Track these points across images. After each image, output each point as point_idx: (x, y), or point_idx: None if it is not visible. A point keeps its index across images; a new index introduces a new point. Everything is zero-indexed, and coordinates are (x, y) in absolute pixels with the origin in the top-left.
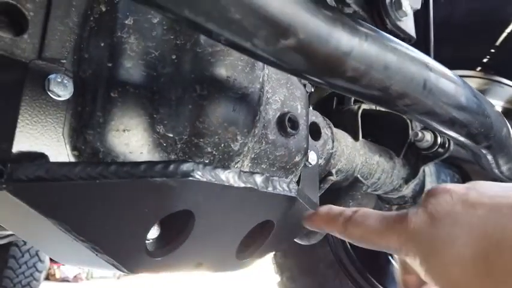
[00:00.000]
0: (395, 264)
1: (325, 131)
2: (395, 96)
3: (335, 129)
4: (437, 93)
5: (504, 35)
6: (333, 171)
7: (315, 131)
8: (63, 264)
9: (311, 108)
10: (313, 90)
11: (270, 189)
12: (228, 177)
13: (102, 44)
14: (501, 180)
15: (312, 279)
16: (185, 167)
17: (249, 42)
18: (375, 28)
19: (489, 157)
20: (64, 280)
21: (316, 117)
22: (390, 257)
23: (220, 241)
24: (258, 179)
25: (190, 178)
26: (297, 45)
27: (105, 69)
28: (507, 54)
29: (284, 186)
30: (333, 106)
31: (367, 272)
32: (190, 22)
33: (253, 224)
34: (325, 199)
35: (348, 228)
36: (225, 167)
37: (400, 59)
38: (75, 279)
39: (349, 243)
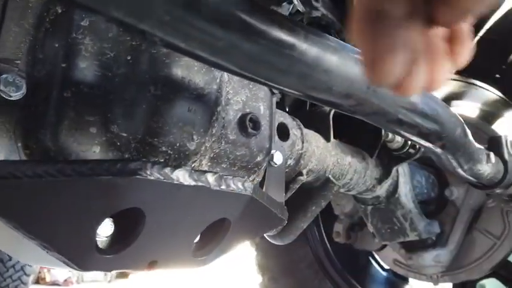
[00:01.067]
0: (374, 263)
1: (294, 132)
2: (339, 97)
3: (306, 130)
4: (382, 93)
5: (477, 37)
6: (304, 171)
7: (282, 132)
8: (53, 268)
9: (280, 109)
10: (277, 92)
11: (223, 187)
12: (178, 175)
13: (57, 45)
14: (467, 180)
15: (293, 280)
16: (133, 165)
17: (184, 43)
18: (315, 30)
19: (448, 156)
20: (54, 284)
21: (284, 118)
22: (370, 257)
23: (174, 239)
24: (210, 177)
25: (138, 176)
26: (230, 46)
27: (59, 69)
28: (480, 56)
29: (239, 184)
30: (307, 108)
31: (346, 272)
32: (121, 23)
33: (208, 223)
34: (296, 199)
35: None
36: (180, 166)
37: (341, 60)
38: (66, 283)
39: (329, 242)
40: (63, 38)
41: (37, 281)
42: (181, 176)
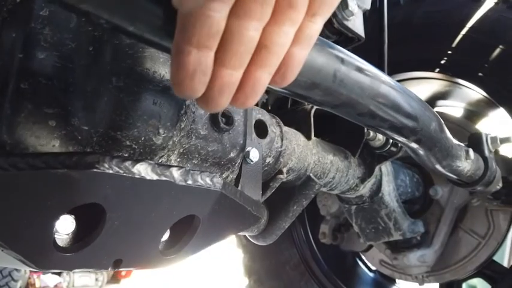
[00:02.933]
0: (361, 264)
1: (273, 129)
2: (305, 87)
3: (286, 128)
4: (350, 84)
5: (460, 36)
6: (284, 170)
7: (260, 129)
8: (43, 273)
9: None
10: None
11: (189, 182)
12: (140, 169)
13: (14, 35)
14: (446, 176)
15: (279, 282)
16: (89, 158)
17: (132, 27)
18: None
19: (424, 152)
20: None
21: (262, 115)
22: (357, 258)
23: (140, 237)
24: (176, 172)
25: (95, 170)
26: None
27: (16, 60)
28: (462, 55)
29: (207, 180)
30: (288, 105)
31: (333, 274)
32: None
33: (176, 219)
34: (278, 199)
35: None
36: (142, 160)
37: None
38: None
39: (315, 243)
40: (21, 28)
41: (26, 287)
42: (143, 170)
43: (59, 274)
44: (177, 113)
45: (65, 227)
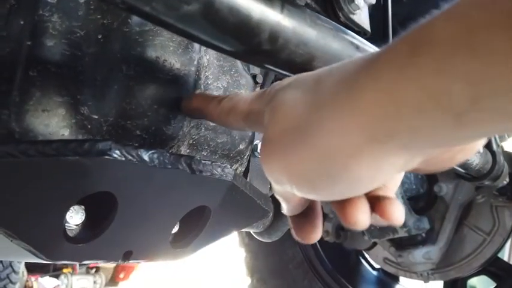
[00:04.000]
0: (365, 262)
1: None
2: None
3: None
4: None
5: None
6: None
7: None
8: (40, 276)
9: None
10: (260, 81)
11: (201, 172)
12: (152, 158)
13: (22, 22)
14: (455, 171)
15: (282, 281)
16: (101, 145)
17: (148, 6)
18: (292, 1)
19: None
20: None
21: None
22: (360, 257)
23: (150, 228)
24: (187, 161)
25: (107, 157)
26: (201, 12)
27: (25, 47)
28: None
29: (218, 169)
30: None
31: (337, 272)
32: None
33: (187, 210)
34: None
35: (221, 103)
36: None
37: (321, 34)
38: None
39: (318, 242)
40: (29, 15)
41: None
42: (156, 158)
43: (56, 277)
44: None
45: (74, 217)
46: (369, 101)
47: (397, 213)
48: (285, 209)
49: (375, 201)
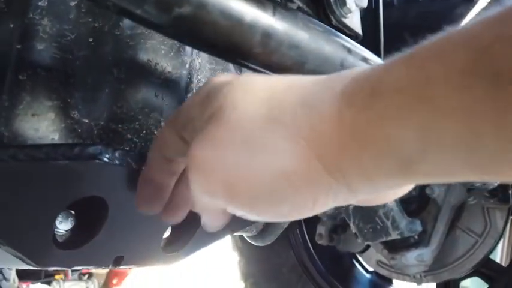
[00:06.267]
0: (358, 265)
1: None
2: (311, 75)
3: None
4: None
5: None
6: None
7: None
8: (32, 283)
9: None
10: None
11: None
12: (143, 162)
13: (12, 26)
14: None
15: (276, 284)
16: (91, 149)
17: (140, 9)
18: (285, 4)
19: None
20: None
21: None
22: (354, 260)
23: (141, 233)
24: None
25: (97, 161)
26: (193, 15)
27: (14, 51)
28: None
29: None
30: None
31: (330, 275)
32: None
33: None
34: None
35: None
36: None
37: (313, 37)
38: None
39: (312, 244)
40: (19, 18)
41: None
42: None
43: (48, 283)
44: (178, 106)
45: (64, 222)
46: (330, 135)
47: None
48: (205, 223)
49: None
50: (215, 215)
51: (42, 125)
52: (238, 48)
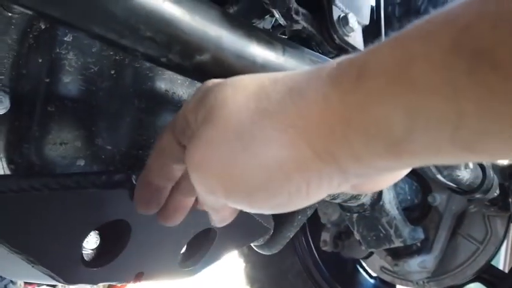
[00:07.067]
0: (362, 271)
1: None
2: None
3: None
4: None
5: None
6: None
7: None
8: (37, 285)
9: None
10: None
11: None
12: None
13: (41, 60)
14: (447, 186)
15: None
16: (117, 177)
17: (165, 58)
18: (292, 42)
19: None
20: None
21: None
22: (357, 265)
23: (160, 250)
24: None
25: (123, 188)
26: (212, 60)
27: (43, 84)
28: None
29: None
30: None
31: (335, 281)
32: (103, 39)
33: (194, 233)
34: None
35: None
36: None
37: None
38: None
39: (316, 251)
40: (46, 53)
41: None
42: None
43: (54, 286)
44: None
45: (90, 242)
46: (318, 119)
47: None
48: (213, 220)
49: None
50: (221, 211)
51: (69, 153)
52: None
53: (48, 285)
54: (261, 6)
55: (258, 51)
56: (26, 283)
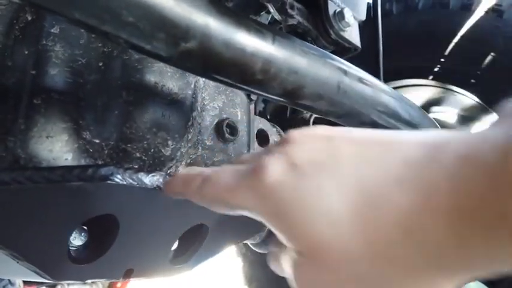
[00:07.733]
0: None
1: (274, 138)
2: (311, 98)
3: None
4: (353, 95)
5: (452, 45)
6: None
7: (262, 138)
8: (37, 287)
9: (259, 116)
10: (254, 98)
11: None
12: (152, 180)
13: (27, 52)
14: None
15: None
16: (103, 170)
17: (150, 45)
18: (283, 32)
19: None
20: None
21: (263, 124)
22: None
23: (151, 246)
24: None
25: (109, 182)
26: (199, 48)
27: (29, 76)
28: (455, 63)
29: None
30: (287, 114)
31: None
32: (85, 25)
33: (185, 228)
34: None
35: (203, 188)
36: (154, 171)
37: (310, 62)
38: None
39: None
40: (33, 45)
41: None
42: (156, 180)
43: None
44: (184, 125)
45: (77, 238)
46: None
47: None
48: None
49: None
50: None
51: (56, 146)
52: (241, 76)
53: (48, 285)
54: (257, 1)
55: (248, 39)
56: (25, 283)
